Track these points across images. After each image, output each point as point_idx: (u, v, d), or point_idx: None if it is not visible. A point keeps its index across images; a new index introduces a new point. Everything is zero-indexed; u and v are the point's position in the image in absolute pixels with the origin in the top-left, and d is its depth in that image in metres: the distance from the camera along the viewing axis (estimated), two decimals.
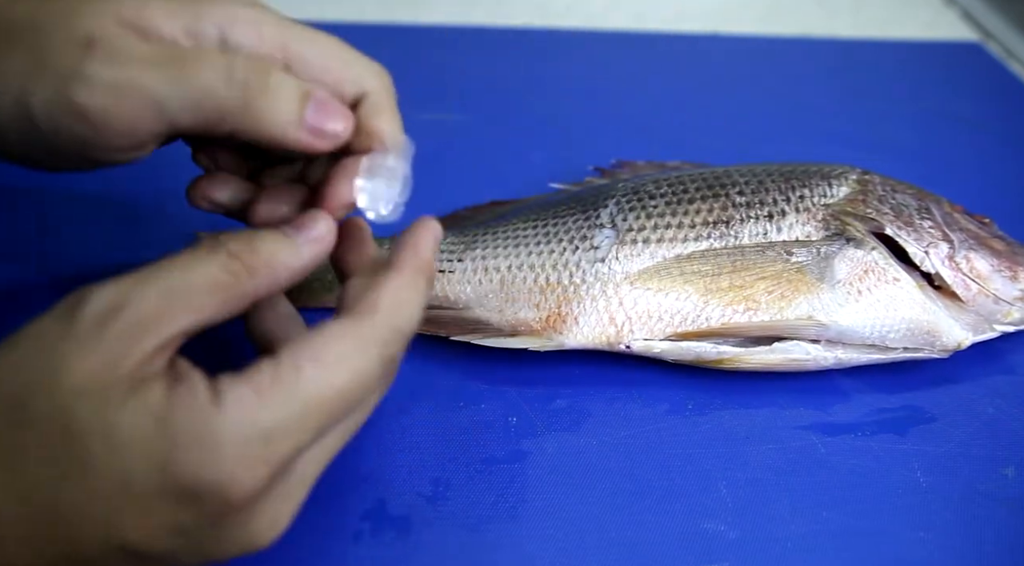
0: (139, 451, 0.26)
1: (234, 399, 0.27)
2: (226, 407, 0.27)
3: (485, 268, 0.45)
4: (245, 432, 0.27)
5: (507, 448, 0.41)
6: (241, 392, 0.27)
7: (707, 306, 0.43)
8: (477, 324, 0.44)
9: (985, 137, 0.68)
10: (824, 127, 0.68)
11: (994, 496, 0.40)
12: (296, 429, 0.28)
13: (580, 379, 0.45)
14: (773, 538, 0.38)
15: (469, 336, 0.43)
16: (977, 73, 0.78)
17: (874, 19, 0.88)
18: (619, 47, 0.79)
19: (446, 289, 0.44)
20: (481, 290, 0.45)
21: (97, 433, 0.26)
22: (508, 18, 0.83)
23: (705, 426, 0.43)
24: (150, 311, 0.27)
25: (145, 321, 0.27)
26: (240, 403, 0.27)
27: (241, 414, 0.27)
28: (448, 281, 0.45)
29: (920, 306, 0.44)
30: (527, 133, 0.64)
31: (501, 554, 0.37)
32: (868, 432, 0.43)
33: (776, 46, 0.80)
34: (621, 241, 0.45)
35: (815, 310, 0.43)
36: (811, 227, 0.45)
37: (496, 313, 0.44)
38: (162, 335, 0.27)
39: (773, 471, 0.41)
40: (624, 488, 0.40)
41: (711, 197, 0.46)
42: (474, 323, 0.44)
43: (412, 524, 0.37)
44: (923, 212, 0.46)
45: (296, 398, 0.28)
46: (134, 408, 0.26)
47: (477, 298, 0.44)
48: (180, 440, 0.26)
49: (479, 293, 0.44)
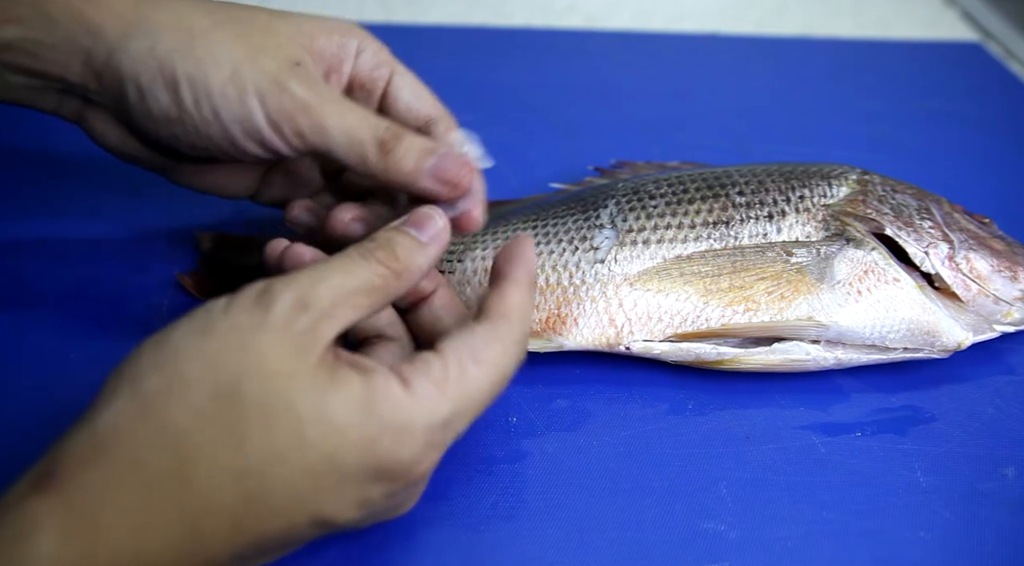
0: (351, 434, 0.30)
1: (422, 393, 0.31)
2: (418, 399, 0.31)
3: (485, 269, 0.45)
4: (432, 421, 0.31)
5: (507, 448, 0.41)
6: (427, 387, 0.31)
7: (707, 307, 0.43)
8: None
9: (985, 137, 0.68)
10: (824, 127, 0.68)
11: (994, 496, 0.40)
12: (462, 419, 0.33)
13: (580, 379, 0.45)
14: (773, 538, 0.38)
15: None
16: (977, 73, 0.78)
17: (874, 19, 0.88)
18: (619, 47, 0.79)
19: None
20: (481, 291, 0.45)
21: (314, 416, 0.30)
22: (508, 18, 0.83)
23: (705, 426, 0.43)
24: (327, 310, 0.31)
25: (324, 318, 0.31)
26: (429, 397, 0.31)
27: (430, 406, 0.31)
28: (448, 282, 0.45)
29: (920, 306, 0.44)
30: (527, 133, 0.64)
31: (501, 554, 0.37)
32: (868, 432, 0.43)
33: (776, 46, 0.80)
34: (621, 242, 0.45)
35: (815, 311, 0.43)
36: (811, 227, 0.45)
37: None
38: (335, 330, 0.31)
39: (773, 471, 0.41)
40: (624, 488, 0.40)
41: (711, 197, 0.46)
42: None
43: (412, 524, 0.37)
44: (923, 212, 0.46)
45: (467, 394, 0.32)
46: (344, 395, 0.30)
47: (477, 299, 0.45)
48: (386, 426, 0.30)
49: (479, 294, 0.44)
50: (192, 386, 0.29)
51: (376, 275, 0.33)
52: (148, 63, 0.38)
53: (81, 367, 0.44)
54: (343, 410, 0.30)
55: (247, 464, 0.29)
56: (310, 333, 0.30)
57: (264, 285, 0.31)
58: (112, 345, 0.45)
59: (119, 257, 0.50)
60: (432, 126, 0.42)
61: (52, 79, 0.40)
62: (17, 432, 0.40)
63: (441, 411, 0.31)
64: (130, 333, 0.46)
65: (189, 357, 0.30)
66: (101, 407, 0.29)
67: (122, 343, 0.32)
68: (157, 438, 0.28)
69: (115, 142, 0.43)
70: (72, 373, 0.43)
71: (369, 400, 0.30)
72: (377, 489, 0.31)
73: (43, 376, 0.43)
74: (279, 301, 0.31)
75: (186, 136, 0.40)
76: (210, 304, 0.31)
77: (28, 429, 0.39)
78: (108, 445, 0.28)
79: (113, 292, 0.48)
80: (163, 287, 0.48)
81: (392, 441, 0.30)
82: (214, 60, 0.38)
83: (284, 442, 0.29)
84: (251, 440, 0.29)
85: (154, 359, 0.30)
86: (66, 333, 0.46)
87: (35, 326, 0.46)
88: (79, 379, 0.43)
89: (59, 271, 0.49)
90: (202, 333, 0.30)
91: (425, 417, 0.31)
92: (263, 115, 0.38)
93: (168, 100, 0.39)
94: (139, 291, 0.48)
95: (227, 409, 0.29)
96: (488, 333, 0.34)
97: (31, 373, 0.44)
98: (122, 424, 0.29)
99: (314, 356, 0.30)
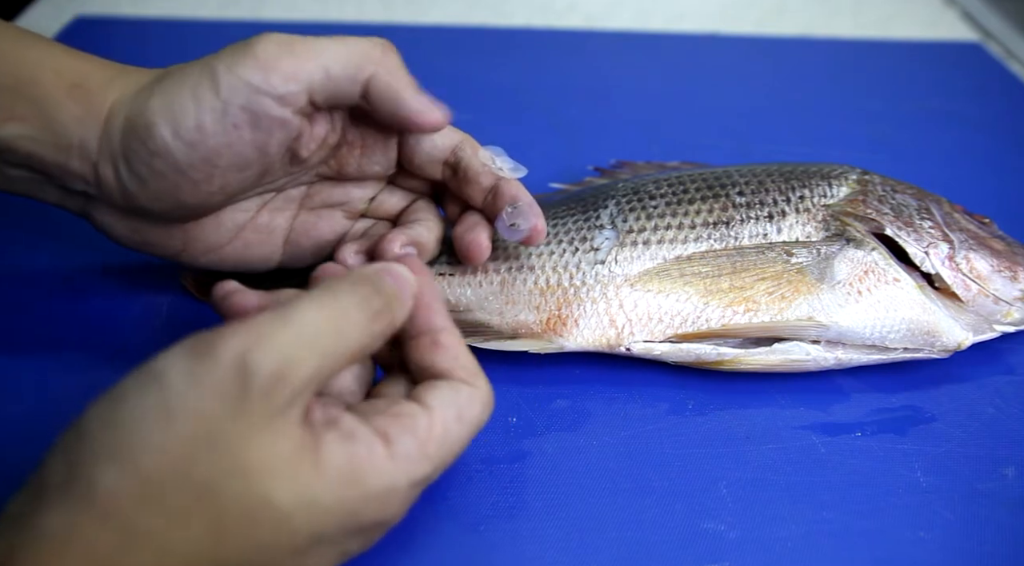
0: (336, 510, 0.30)
1: (404, 454, 0.31)
2: (400, 462, 0.31)
3: (485, 270, 0.45)
4: (411, 481, 0.31)
5: (507, 448, 0.41)
6: (408, 447, 0.31)
7: (707, 307, 0.43)
8: (477, 327, 0.44)
9: (985, 137, 0.68)
10: (824, 127, 0.68)
11: (994, 496, 0.40)
12: (440, 469, 0.33)
13: (580, 379, 0.45)
14: (773, 538, 0.38)
15: (470, 339, 0.43)
16: (977, 73, 0.78)
17: (874, 19, 0.88)
18: (619, 47, 0.79)
19: (446, 292, 0.44)
20: (481, 293, 0.45)
21: (297, 505, 0.29)
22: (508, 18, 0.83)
23: (705, 426, 0.43)
24: (310, 376, 0.30)
25: (307, 385, 0.30)
26: (412, 459, 0.31)
27: (413, 467, 0.31)
28: (448, 284, 0.45)
29: (920, 306, 0.44)
30: (527, 133, 0.64)
31: (501, 554, 0.37)
32: (868, 432, 0.43)
33: (776, 46, 0.81)
34: (621, 242, 0.45)
35: (815, 311, 0.43)
36: (811, 227, 0.45)
37: (496, 316, 0.44)
38: (313, 391, 0.30)
39: (773, 471, 0.41)
40: (624, 488, 0.40)
41: (711, 197, 0.46)
42: (474, 326, 0.44)
43: (412, 524, 0.37)
44: (923, 212, 0.46)
45: (447, 450, 0.32)
46: (328, 476, 0.29)
47: (477, 301, 0.45)
48: (372, 496, 0.30)
49: (479, 296, 0.45)
50: (162, 489, 0.27)
51: (373, 336, 0.32)
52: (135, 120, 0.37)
53: (81, 367, 0.44)
54: (328, 493, 0.29)
55: (228, 557, 0.28)
56: (289, 408, 0.29)
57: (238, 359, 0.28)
58: (112, 345, 0.45)
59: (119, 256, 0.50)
60: (459, 152, 0.42)
61: (52, 176, 0.39)
62: (16, 433, 0.40)
63: (423, 470, 0.32)
64: (130, 333, 0.46)
65: (151, 452, 0.27)
66: (52, 500, 0.27)
67: (122, 343, 0.32)
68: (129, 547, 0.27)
69: (124, 232, 0.41)
70: (72, 373, 0.43)
71: (354, 474, 0.30)
72: (356, 542, 0.32)
73: (42, 375, 0.43)
74: (256, 380, 0.28)
75: (191, 169, 0.38)
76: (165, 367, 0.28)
77: (27, 429, 0.39)
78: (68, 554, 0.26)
79: (113, 292, 0.48)
80: (163, 287, 0.48)
81: (377, 506, 0.31)
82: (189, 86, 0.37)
83: (270, 536, 0.29)
84: (233, 538, 0.28)
85: (109, 449, 0.27)
86: (66, 333, 0.46)
87: (34, 326, 0.46)
88: (78, 379, 0.43)
89: (59, 271, 0.49)
90: (166, 420, 0.27)
91: (408, 477, 0.31)
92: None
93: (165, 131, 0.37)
94: (139, 291, 0.48)
95: (205, 510, 0.28)
96: (471, 392, 0.34)
97: (30, 372, 0.44)
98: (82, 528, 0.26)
99: (294, 436, 0.29)
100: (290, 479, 0.29)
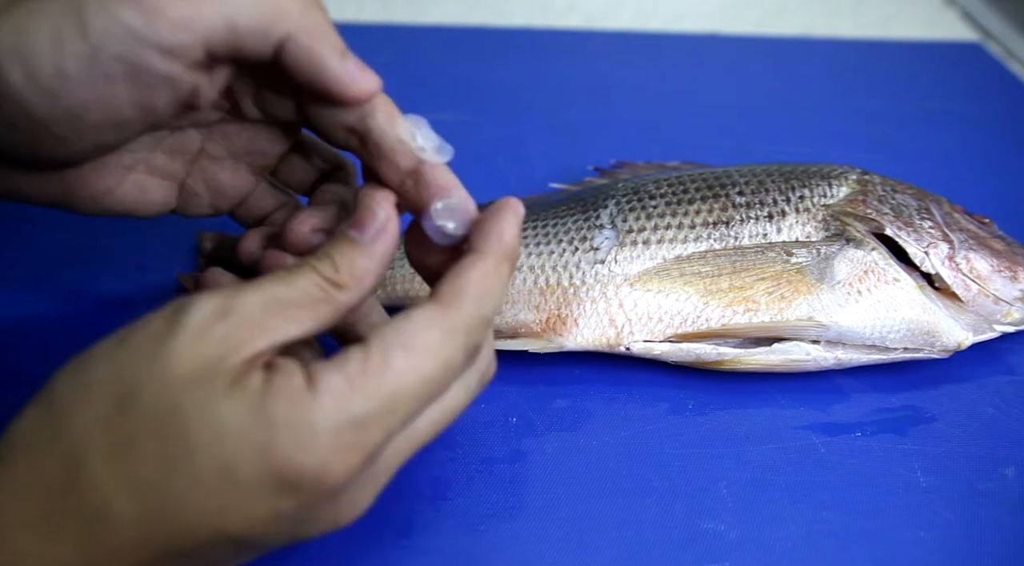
0: (241, 439, 0.27)
1: (327, 388, 0.27)
2: (320, 395, 0.27)
3: None
4: (339, 420, 0.27)
5: (507, 448, 0.41)
6: (334, 381, 0.28)
7: (707, 307, 0.43)
8: None
9: (985, 137, 0.68)
10: (824, 127, 0.68)
11: (994, 496, 0.40)
12: (386, 417, 0.28)
13: (580, 379, 0.45)
14: (773, 538, 0.38)
15: None
16: (977, 73, 0.78)
17: (874, 19, 0.88)
18: (619, 47, 0.79)
19: None
20: None
21: (202, 423, 0.27)
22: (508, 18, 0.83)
23: (705, 426, 0.43)
24: (253, 319, 0.28)
25: (248, 328, 0.28)
26: (333, 392, 0.27)
27: (334, 402, 0.27)
28: None
29: (920, 306, 0.44)
30: (527, 133, 0.64)
31: (501, 554, 0.37)
32: (868, 432, 0.43)
33: (776, 46, 0.80)
34: (621, 242, 0.45)
35: (815, 311, 0.43)
36: (811, 227, 0.45)
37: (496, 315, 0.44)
38: (263, 342, 0.28)
39: (773, 471, 0.41)
40: (624, 488, 0.40)
41: (711, 197, 0.46)
42: None
43: (412, 524, 0.37)
44: (923, 212, 0.46)
45: (386, 387, 0.28)
46: (236, 398, 0.27)
47: None
48: (278, 427, 0.27)
49: None
50: (95, 392, 0.28)
51: (315, 286, 0.29)
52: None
53: None
54: (233, 412, 0.27)
55: (142, 475, 0.27)
56: (227, 341, 0.28)
57: (195, 294, 0.29)
58: None
59: (119, 257, 0.50)
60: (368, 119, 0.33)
61: None
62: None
63: (352, 408, 0.27)
64: None
65: (98, 363, 0.28)
66: (20, 413, 0.28)
67: None
68: (56, 443, 0.27)
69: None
70: None
71: (261, 400, 0.27)
72: (286, 502, 0.28)
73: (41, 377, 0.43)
74: (197, 308, 0.28)
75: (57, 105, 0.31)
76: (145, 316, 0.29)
77: None
78: (13, 449, 0.28)
79: (113, 292, 0.48)
80: (163, 287, 0.48)
81: (289, 445, 0.27)
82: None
83: (174, 451, 0.27)
84: (143, 449, 0.27)
85: (71, 366, 0.29)
86: (66, 333, 0.46)
87: (34, 327, 0.46)
88: None
89: (59, 271, 0.49)
90: (119, 341, 0.28)
91: (327, 416, 0.27)
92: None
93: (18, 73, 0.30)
94: (139, 291, 0.48)
95: (123, 417, 0.27)
96: (428, 317, 0.29)
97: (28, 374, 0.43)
98: (27, 429, 0.28)
99: (227, 363, 0.27)
100: (201, 395, 0.27)
